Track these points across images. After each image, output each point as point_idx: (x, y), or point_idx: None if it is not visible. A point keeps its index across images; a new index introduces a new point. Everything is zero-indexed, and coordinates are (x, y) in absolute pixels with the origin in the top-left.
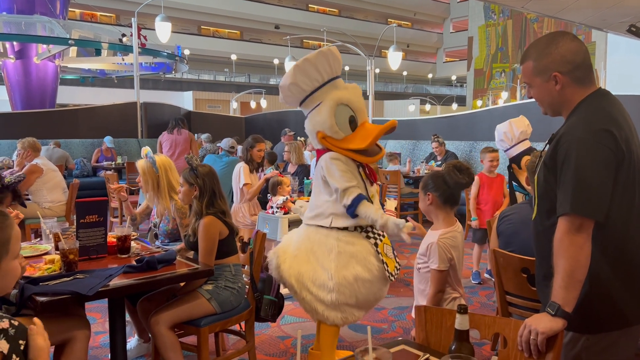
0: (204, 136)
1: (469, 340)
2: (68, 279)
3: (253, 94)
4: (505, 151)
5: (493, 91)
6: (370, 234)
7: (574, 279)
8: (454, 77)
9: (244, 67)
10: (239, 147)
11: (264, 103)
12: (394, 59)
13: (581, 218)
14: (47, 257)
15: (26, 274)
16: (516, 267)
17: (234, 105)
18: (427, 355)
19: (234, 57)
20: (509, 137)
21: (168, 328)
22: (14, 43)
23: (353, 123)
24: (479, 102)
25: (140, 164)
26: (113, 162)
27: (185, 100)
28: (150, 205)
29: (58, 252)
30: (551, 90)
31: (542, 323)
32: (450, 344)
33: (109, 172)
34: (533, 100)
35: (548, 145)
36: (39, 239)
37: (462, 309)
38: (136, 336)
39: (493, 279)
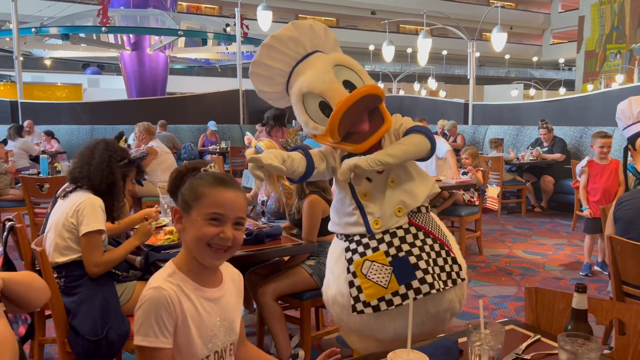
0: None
1: (587, 320)
2: None
3: None
4: (622, 130)
5: (606, 74)
6: (350, 244)
7: None
8: (561, 60)
9: None
10: None
11: None
12: (498, 40)
13: None
14: (167, 228)
15: (148, 242)
16: (635, 254)
17: None
18: (538, 335)
19: None
20: (627, 115)
21: (274, 299)
22: (130, 35)
23: (327, 109)
24: (590, 87)
25: (250, 153)
26: (217, 147)
27: None
28: (257, 189)
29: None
30: None
31: None
32: (566, 324)
33: (214, 156)
34: None
35: None
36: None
37: (581, 288)
38: (242, 307)
39: (604, 272)
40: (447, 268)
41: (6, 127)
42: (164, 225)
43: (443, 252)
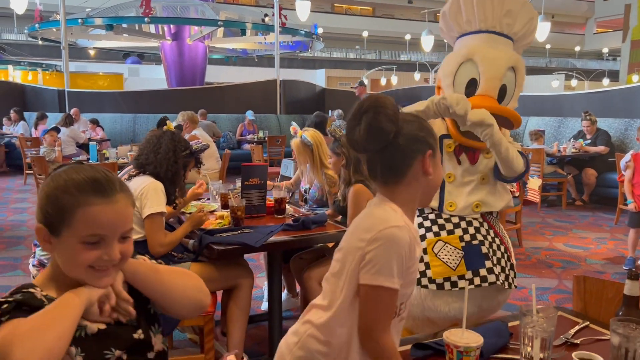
0: (336, 113)
1: (638, 307)
2: (236, 232)
3: (384, 71)
4: None
5: None
6: (424, 221)
7: None
8: (605, 50)
9: (375, 43)
10: None
11: (394, 80)
12: (542, 30)
13: None
14: (217, 213)
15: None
16: None
17: (365, 82)
18: (587, 322)
19: (365, 34)
20: None
21: (319, 284)
22: (171, 26)
23: (471, 87)
24: (635, 77)
25: (296, 142)
26: (255, 136)
27: (318, 78)
28: (300, 176)
29: (224, 210)
30: None
31: None
32: (618, 310)
33: (253, 145)
34: None
35: None
36: (206, 199)
37: (633, 275)
38: (286, 291)
39: None
40: (507, 271)
41: (54, 115)
42: (214, 210)
43: (506, 256)
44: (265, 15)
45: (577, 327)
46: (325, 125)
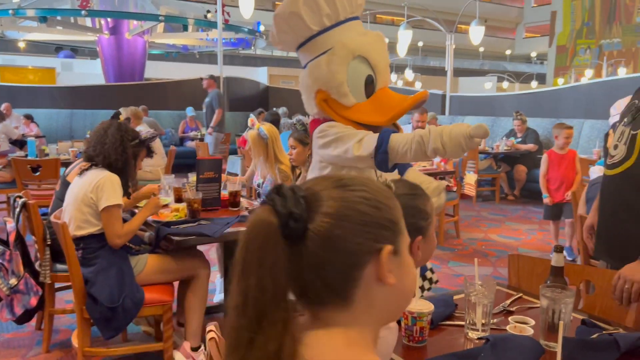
0: (280, 111)
1: (563, 276)
2: (193, 224)
3: None
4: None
5: (576, 69)
6: None
7: None
8: (533, 54)
9: None
10: None
11: None
12: (476, 33)
13: None
14: (172, 206)
15: (156, 219)
16: None
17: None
18: (521, 294)
19: None
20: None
21: None
22: (109, 20)
23: (370, 86)
24: (561, 80)
25: (252, 134)
26: (198, 132)
27: (260, 76)
28: (254, 171)
29: (178, 203)
30: None
31: (638, 273)
32: (546, 279)
33: (200, 142)
34: (620, 77)
35: None
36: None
37: (558, 249)
38: None
39: (567, 257)
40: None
41: None
42: (167, 204)
43: None
44: (208, 11)
45: (512, 298)
46: (279, 124)
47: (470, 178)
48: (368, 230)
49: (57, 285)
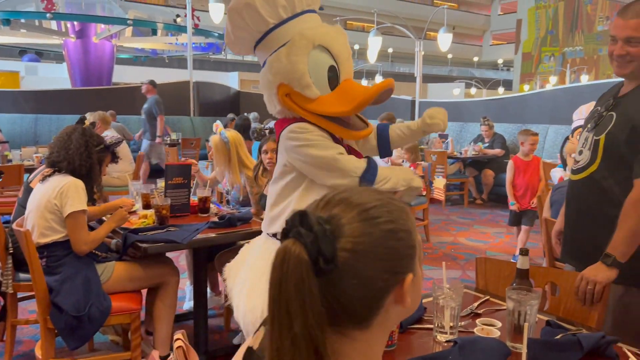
0: (251, 116)
1: (529, 278)
2: (162, 230)
3: None
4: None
5: (541, 75)
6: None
7: (637, 237)
8: (500, 61)
9: None
10: None
11: None
12: (444, 40)
13: None
14: (140, 212)
15: (124, 225)
16: None
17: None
18: (488, 296)
19: None
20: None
21: None
22: (75, 23)
23: (333, 78)
24: (526, 87)
25: (215, 139)
26: (168, 138)
27: (231, 81)
28: (218, 177)
29: (146, 210)
30: None
31: (600, 273)
32: (512, 282)
33: (169, 147)
34: (582, 84)
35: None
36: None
37: (524, 252)
38: (209, 289)
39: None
40: None
41: None
42: (135, 211)
43: None
44: (177, 15)
45: (479, 301)
46: (248, 129)
47: (440, 182)
48: (394, 265)
49: (20, 295)
